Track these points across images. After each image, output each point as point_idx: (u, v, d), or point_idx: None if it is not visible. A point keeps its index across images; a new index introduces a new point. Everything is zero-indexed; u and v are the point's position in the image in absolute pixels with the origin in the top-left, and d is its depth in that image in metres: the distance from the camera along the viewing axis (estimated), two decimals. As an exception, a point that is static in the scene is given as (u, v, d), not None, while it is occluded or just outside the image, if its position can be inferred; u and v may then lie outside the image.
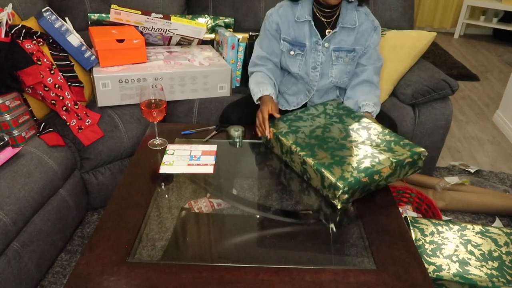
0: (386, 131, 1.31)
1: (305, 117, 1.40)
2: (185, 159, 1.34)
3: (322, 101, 1.65)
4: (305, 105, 1.68)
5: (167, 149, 1.38)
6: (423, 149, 1.21)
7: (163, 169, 1.29)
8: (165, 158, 1.33)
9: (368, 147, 1.22)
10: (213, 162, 1.32)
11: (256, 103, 1.51)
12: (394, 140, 1.25)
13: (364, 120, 1.38)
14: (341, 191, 1.09)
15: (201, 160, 1.33)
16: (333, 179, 1.10)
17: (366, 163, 1.15)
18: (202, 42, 2.09)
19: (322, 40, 1.53)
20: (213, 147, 1.40)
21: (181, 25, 1.91)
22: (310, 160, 1.18)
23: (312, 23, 1.51)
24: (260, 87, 1.50)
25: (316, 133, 1.31)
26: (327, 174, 1.12)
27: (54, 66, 1.53)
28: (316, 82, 1.60)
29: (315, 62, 1.57)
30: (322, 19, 1.52)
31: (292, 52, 1.56)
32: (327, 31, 1.52)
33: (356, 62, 1.59)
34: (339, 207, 1.14)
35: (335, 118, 1.39)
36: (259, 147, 1.45)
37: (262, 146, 1.45)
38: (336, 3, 1.43)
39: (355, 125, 1.34)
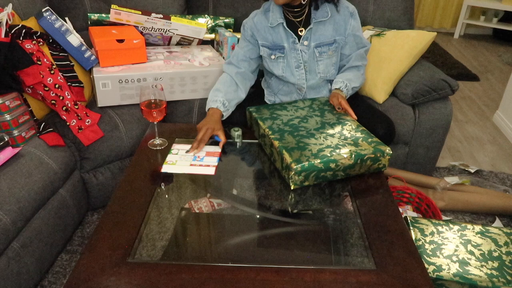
0: (360, 128, 1.36)
1: (290, 108, 1.49)
2: (188, 159, 1.34)
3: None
4: None
5: (172, 148, 1.38)
6: (388, 148, 1.26)
7: (165, 168, 1.29)
8: (169, 157, 1.33)
9: (335, 139, 1.29)
10: (216, 164, 1.32)
11: (206, 110, 1.53)
12: (363, 137, 1.31)
13: (343, 116, 1.43)
14: (293, 172, 1.17)
15: (204, 161, 1.33)
16: (289, 160, 1.18)
17: (326, 152, 1.21)
18: (202, 42, 2.09)
19: (298, 39, 1.56)
20: (217, 149, 1.40)
21: (181, 25, 1.92)
22: (276, 143, 1.27)
23: (285, 24, 1.54)
24: (215, 95, 1.53)
25: (293, 122, 1.39)
26: (286, 155, 1.20)
27: (54, 66, 1.53)
28: (304, 80, 1.62)
29: (297, 61, 1.59)
30: (293, 19, 1.55)
31: (272, 56, 1.59)
32: (299, 30, 1.56)
33: (340, 53, 1.62)
34: (292, 188, 1.21)
35: (316, 112, 1.46)
36: (258, 147, 1.45)
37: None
38: (281, 3, 1.45)
39: (332, 120, 1.40)
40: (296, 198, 1.24)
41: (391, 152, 1.26)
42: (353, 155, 1.21)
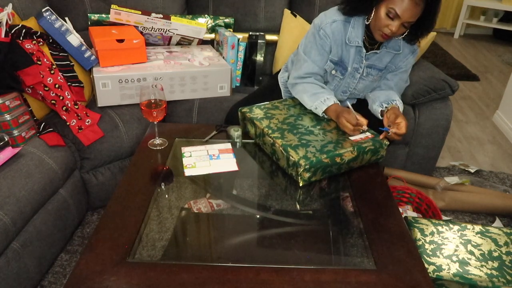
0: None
1: (281, 107, 1.51)
2: (205, 159, 1.34)
3: None
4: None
5: (183, 151, 1.37)
6: (385, 139, 1.33)
7: (188, 172, 1.28)
8: (185, 161, 1.33)
9: (334, 135, 1.34)
10: (234, 159, 1.33)
11: (322, 115, 1.42)
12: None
13: None
14: (302, 169, 1.18)
15: (221, 158, 1.34)
16: (296, 158, 1.20)
17: (330, 147, 1.25)
18: (202, 42, 2.09)
19: (362, 64, 1.48)
20: (228, 146, 1.41)
21: (181, 25, 1.92)
22: (278, 141, 1.28)
23: (361, 48, 1.44)
24: (319, 98, 1.41)
25: (289, 120, 1.41)
26: (292, 153, 1.22)
27: (54, 66, 1.53)
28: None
29: (348, 87, 1.56)
30: (367, 44, 1.47)
31: (333, 72, 1.52)
32: (366, 53, 1.47)
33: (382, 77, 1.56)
34: (301, 184, 1.22)
35: (308, 109, 1.49)
36: (258, 147, 1.45)
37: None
38: (382, 40, 1.37)
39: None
40: (297, 198, 1.24)
41: (388, 143, 1.32)
42: (355, 148, 1.26)
